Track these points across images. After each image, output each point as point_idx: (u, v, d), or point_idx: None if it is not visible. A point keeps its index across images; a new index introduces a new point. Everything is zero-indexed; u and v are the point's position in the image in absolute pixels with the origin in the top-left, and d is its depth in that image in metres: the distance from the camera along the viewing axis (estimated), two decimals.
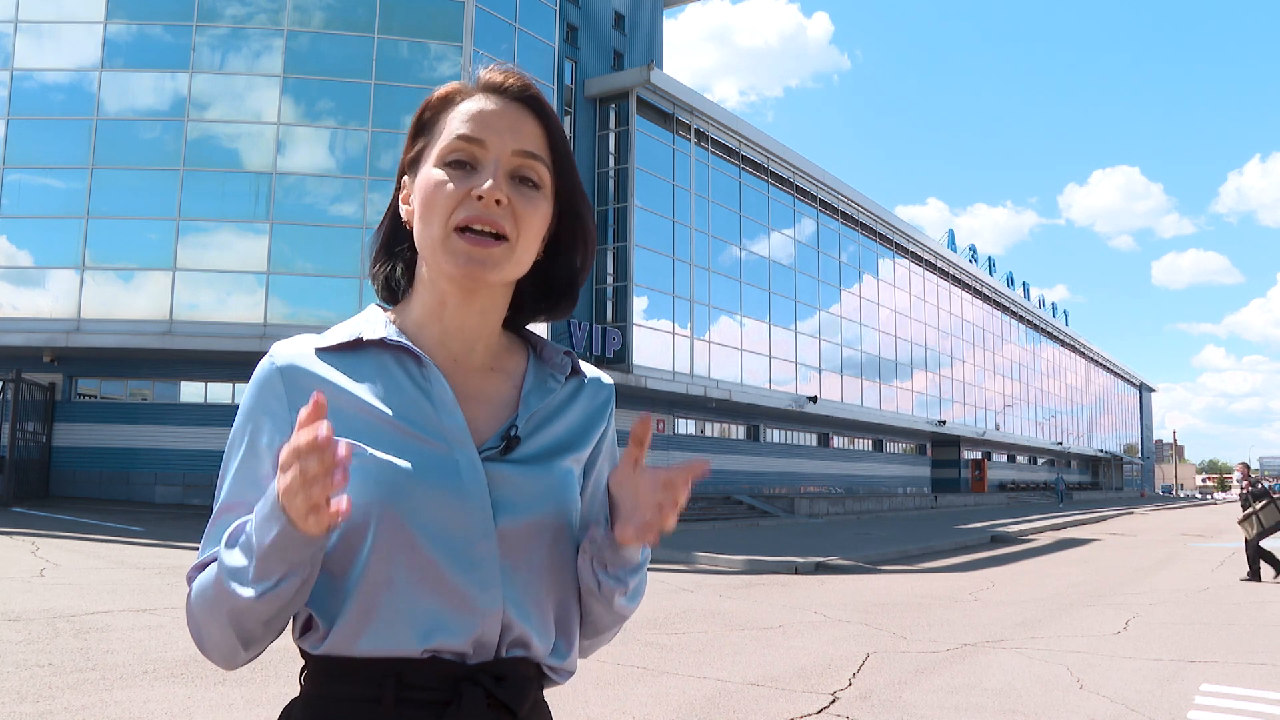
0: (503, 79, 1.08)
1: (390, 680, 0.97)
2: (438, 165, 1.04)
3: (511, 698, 1.01)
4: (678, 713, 5.14)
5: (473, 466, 1.02)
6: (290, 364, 1.05)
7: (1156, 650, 7.43)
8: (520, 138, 1.05)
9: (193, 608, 1.01)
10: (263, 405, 1.04)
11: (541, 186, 1.06)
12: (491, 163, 1.03)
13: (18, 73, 22.07)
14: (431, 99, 1.10)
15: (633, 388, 27.27)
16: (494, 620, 1.00)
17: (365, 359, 1.06)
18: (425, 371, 1.05)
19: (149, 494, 21.61)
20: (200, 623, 1.00)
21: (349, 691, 0.99)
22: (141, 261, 21.65)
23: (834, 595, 10.70)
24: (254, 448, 1.03)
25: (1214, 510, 52.92)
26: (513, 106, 1.07)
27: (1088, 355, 77.23)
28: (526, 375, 1.13)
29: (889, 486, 44.72)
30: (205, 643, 1.02)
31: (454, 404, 1.05)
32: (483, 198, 1.00)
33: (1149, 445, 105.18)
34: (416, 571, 0.98)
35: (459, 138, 1.04)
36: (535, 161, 1.05)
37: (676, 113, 30.82)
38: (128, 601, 8.10)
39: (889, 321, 44.04)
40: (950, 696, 5.70)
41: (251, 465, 1.03)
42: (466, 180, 1.02)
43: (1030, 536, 22.97)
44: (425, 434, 1.02)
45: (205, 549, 1.03)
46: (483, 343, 1.11)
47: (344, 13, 22.66)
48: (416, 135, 1.10)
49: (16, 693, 4.95)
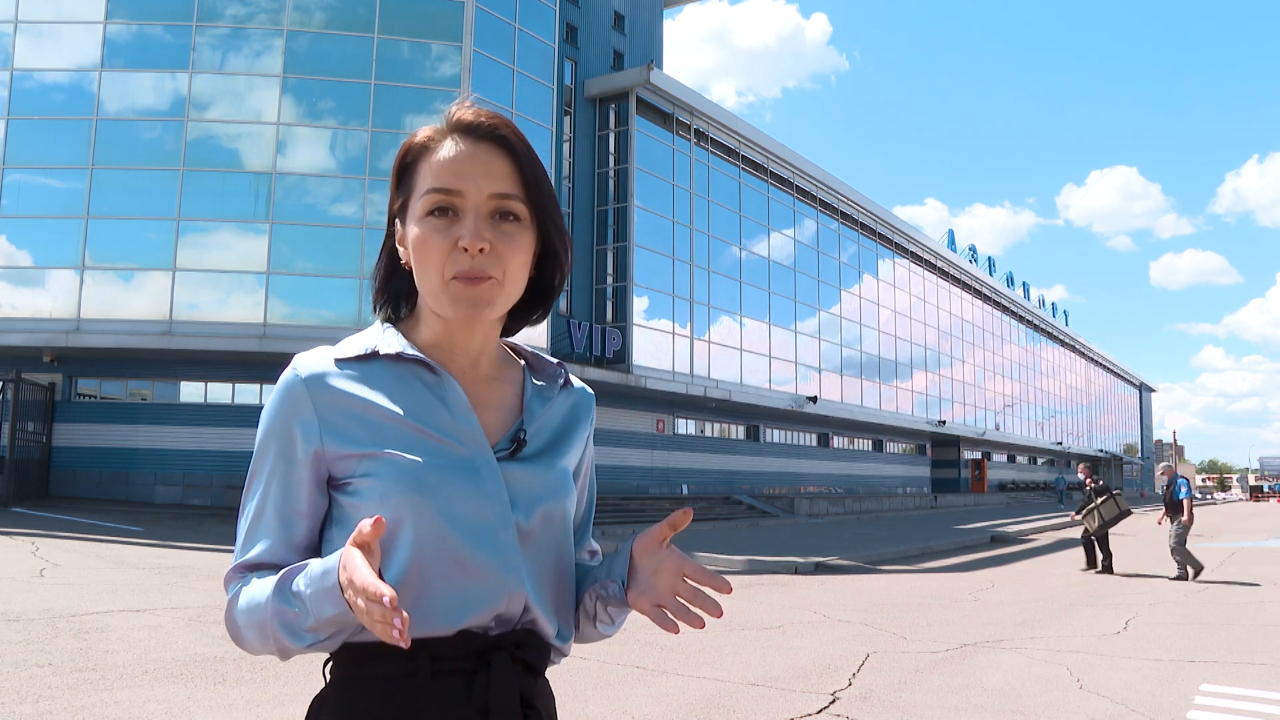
0: (473, 119, 1.14)
1: (424, 654, 1.07)
2: (423, 218, 1.11)
3: (535, 659, 1.14)
4: (677, 713, 5.14)
5: (490, 465, 1.13)
6: (314, 374, 1.13)
7: (1156, 650, 7.43)
8: (493, 180, 1.12)
9: (238, 620, 1.11)
10: (291, 413, 1.12)
11: (521, 219, 1.13)
12: (470, 210, 1.10)
13: (18, 73, 22.07)
14: (412, 144, 1.17)
15: (632, 388, 27.27)
16: (518, 599, 1.11)
17: (383, 370, 1.15)
18: (440, 381, 1.15)
19: (148, 494, 21.61)
20: (243, 634, 1.11)
21: (385, 670, 1.08)
22: (141, 261, 21.65)
23: (834, 595, 10.70)
24: (287, 456, 1.12)
25: (1214, 510, 52.94)
26: (484, 147, 1.13)
27: (1087, 355, 77.25)
28: (525, 384, 1.24)
29: (889, 486, 44.73)
30: (246, 646, 1.13)
31: (468, 409, 1.15)
32: (467, 249, 1.09)
33: (1149, 445, 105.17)
34: (447, 559, 1.08)
35: (438, 190, 1.11)
36: (510, 200, 1.12)
37: (676, 113, 30.83)
38: (127, 601, 8.10)
39: (889, 321, 44.05)
40: (950, 696, 5.70)
41: (285, 472, 1.12)
42: (451, 229, 1.10)
43: (1030, 536, 22.96)
44: (445, 437, 1.12)
45: (247, 548, 1.13)
46: (486, 356, 1.21)
47: (344, 13, 22.66)
48: (400, 181, 1.18)
49: (16, 693, 4.95)
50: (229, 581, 1.13)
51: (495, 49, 23.87)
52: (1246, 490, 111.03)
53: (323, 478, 1.12)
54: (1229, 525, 32.15)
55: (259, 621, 1.07)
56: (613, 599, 1.16)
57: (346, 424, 1.11)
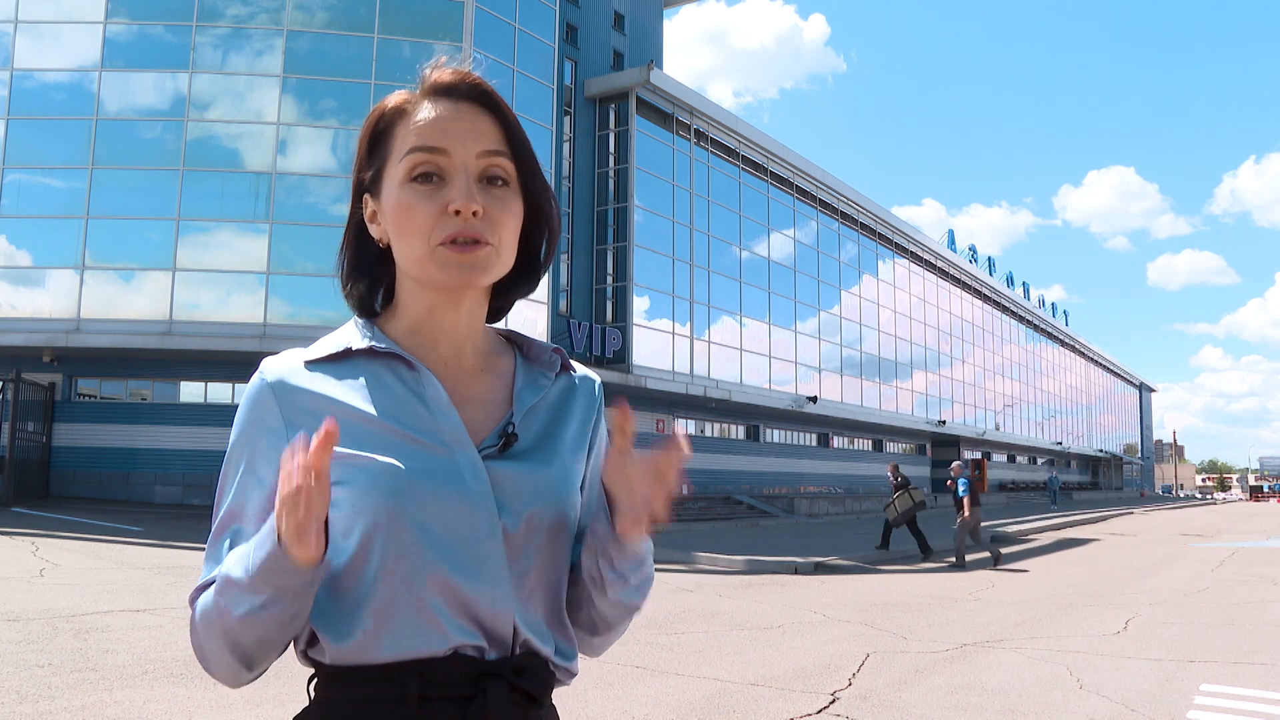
0: (453, 79, 1.07)
1: (413, 678, 0.98)
2: (405, 182, 1.03)
3: (535, 688, 1.03)
4: (677, 713, 5.14)
5: (474, 466, 1.02)
6: (280, 379, 1.05)
7: (1156, 650, 7.42)
8: (481, 139, 1.04)
9: (196, 627, 1.02)
10: (257, 421, 1.04)
11: (509, 182, 1.06)
12: (460, 171, 1.03)
13: (18, 72, 22.07)
14: (385, 109, 1.09)
15: (632, 388, 27.26)
16: (505, 618, 1.01)
17: (355, 368, 1.06)
18: (417, 376, 1.06)
19: (148, 494, 21.61)
20: (203, 642, 1.01)
21: (370, 693, 0.99)
22: (141, 261, 21.65)
23: (834, 595, 10.70)
24: (251, 465, 1.04)
25: (1214, 510, 52.95)
26: (467, 107, 1.06)
27: (1087, 355, 77.24)
28: (516, 374, 1.13)
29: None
30: (209, 662, 1.03)
31: (449, 405, 1.05)
32: (460, 212, 1.00)
33: (1149, 445, 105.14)
34: (425, 575, 0.99)
35: (422, 149, 1.03)
36: (500, 158, 1.05)
37: (676, 113, 30.82)
38: (127, 601, 8.09)
39: (889, 321, 44.04)
40: (950, 696, 5.70)
41: (249, 482, 1.04)
42: (438, 194, 1.02)
43: (1030, 536, 22.96)
44: (423, 437, 1.02)
45: (207, 569, 1.04)
46: (470, 344, 1.11)
47: (344, 13, 22.66)
48: (372, 149, 1.09)
49: (16, 693, 4.95)
50: (191, 604, 1.03)
51: (495, 49, 23.87)
52: (1246, 490, 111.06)
53: None
54: (1229, 525, 32.15)
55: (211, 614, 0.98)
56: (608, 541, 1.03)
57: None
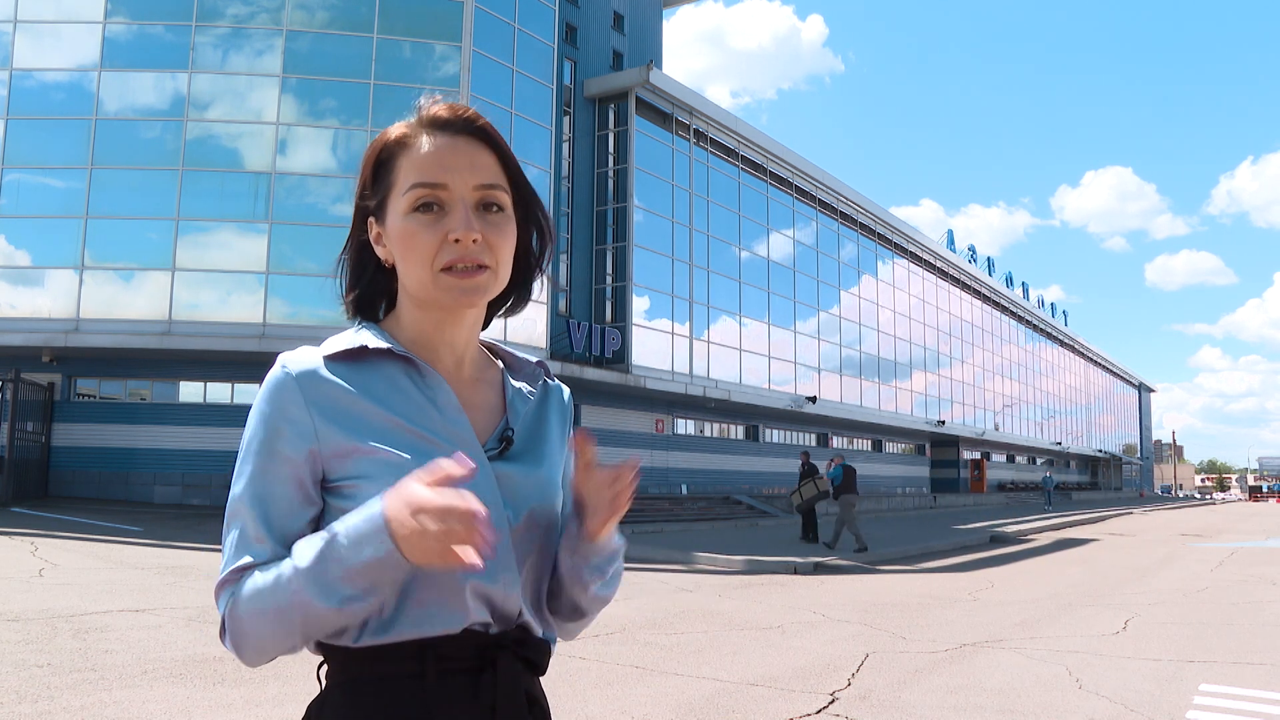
0: (450, 114, 1.14)
1: (431, 655, 1.07)
2: (409, 213, 1.11)
3: (536, 656, 1.16)
4: (677, 713, 5.14)
5: (483, 467, 1.12)
6: (305, 370, 1.10)
7: (1156, 650, 7.43)
8: (478, 172, 1.12)
9: (241, 613, 1.04)
10: (281, 412, 1.08)
11: (504, 209, 1.14)
12: (458, 202, 1.10)
13: (17, 72, 22.05)
14: (387, 140, 1.16)
15: (632, 388, 27.27)
16: (515, 601, 1.12)
17: (371, 368, 1.13)
18: (429, 381, 1.14)
19: (148, 494, 21.60)
20: (252, 628, 1.03)
21: (390, 670, 1.08)
22: (141, 261, 21.63)
23: (833, 595, 10.70)
24: (274, 453, 1.08)
25: (1213, 510, 52.98)
26: (464, 141, 1.13)
27: (1087, 355, 77.25)
28: (506, 384, 1.23)
29: (888, 486, 44.69)
30: (254, 647, 1.05)
31: (459, 409, 1.14)
32: (459, 240, 1.09)
33: (1148, 445, 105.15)
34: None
35: (424, 185, 1.10)
36: (496, 190, 1.13)
37: (675, 113, 30.82)
38: (126, 601, 8.09)
39: (888, 321, 44.05)
40: (949, 696, 5.70)
41: (272, 470, 1.08)
42: (439, 223, 1.10)
43: (1029, 536, 22.97)
44: (437, 437, 1.11)
45: (236, 553, 1.07)
46: (468, 355, 1.21)
47: (344, 12, 22.66)
48: (376, 178, 1.16)
49: (16, 693, 4.94)
50: (221, 590, 1.06)
51: (495, 49, 23.88)
52: (1246, 490, 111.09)
53: (317, 478, 1.08)
54: (1228, 525, 32.17)
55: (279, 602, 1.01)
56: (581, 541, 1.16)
57: (342, 420, 1.08)
